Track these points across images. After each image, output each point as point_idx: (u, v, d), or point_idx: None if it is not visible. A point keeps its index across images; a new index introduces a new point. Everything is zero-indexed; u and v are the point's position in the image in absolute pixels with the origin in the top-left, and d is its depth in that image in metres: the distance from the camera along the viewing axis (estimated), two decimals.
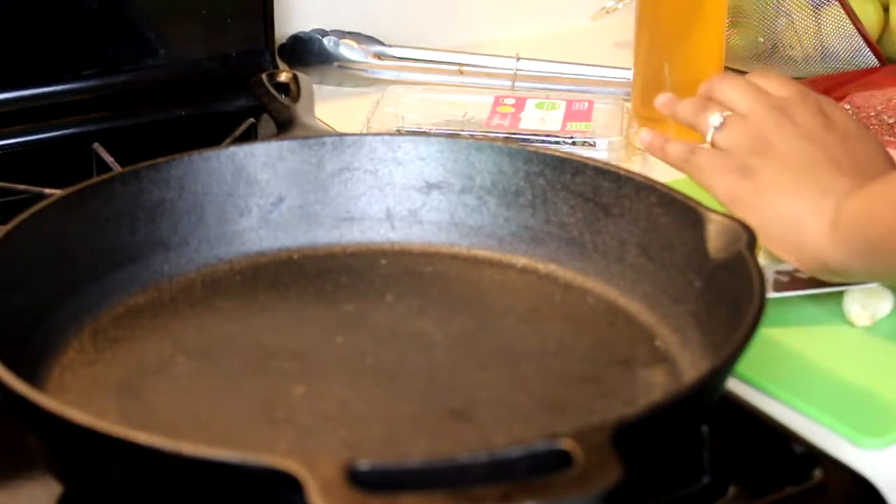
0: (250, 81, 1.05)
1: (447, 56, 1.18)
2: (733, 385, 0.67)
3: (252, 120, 1.02)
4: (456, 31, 1.27)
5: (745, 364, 0.73)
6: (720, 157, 0.80)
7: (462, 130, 1.03)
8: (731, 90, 0.83)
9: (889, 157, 0.81)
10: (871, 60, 1.14)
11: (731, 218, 0.69)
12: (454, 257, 0.78)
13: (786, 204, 0.77)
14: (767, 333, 0.76)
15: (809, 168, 0.77)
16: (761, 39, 1.16)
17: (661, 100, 0.88)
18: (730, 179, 0.78)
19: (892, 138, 1.00)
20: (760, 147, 0.79)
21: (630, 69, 1.09)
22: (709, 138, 0.82)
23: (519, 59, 1.16)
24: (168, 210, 0.76)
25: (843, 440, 0.69)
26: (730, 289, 0.66)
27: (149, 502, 0.56)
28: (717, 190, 0.80)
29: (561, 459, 0.51)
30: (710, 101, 0.84)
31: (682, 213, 0.71)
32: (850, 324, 0.79)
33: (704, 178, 0.81)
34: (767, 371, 0.74)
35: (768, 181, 0.77)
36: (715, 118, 0.81)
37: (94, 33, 1.05)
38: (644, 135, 0.86)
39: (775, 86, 0.83)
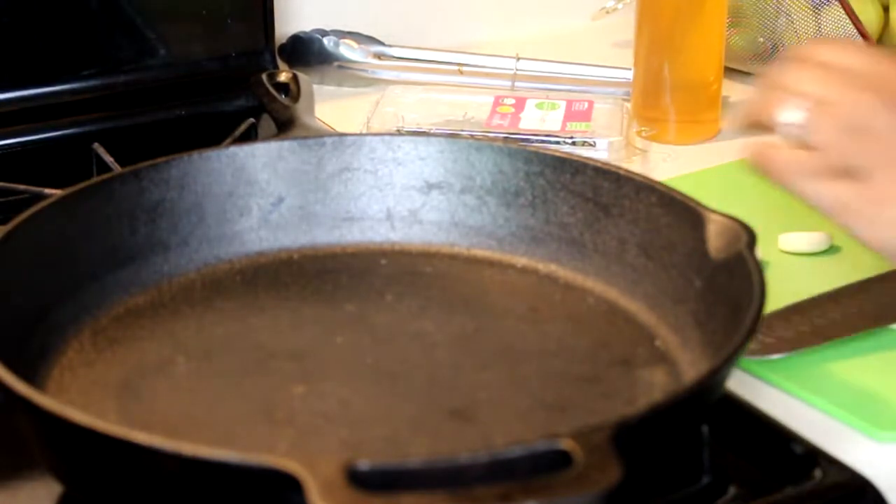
0: (250, 81, 1.05)
1: (447, 56, 1.18)
2: (733, 385, 0.67)
3: (252, 120, 1.02)
4: (456, 31, 1.27)
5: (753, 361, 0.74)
6: (815, 157, 0.67)
7: (462, 130, 1.03)
8: (805, 78, 0.68)
9: None
10: None
11: (731, 218, 0.69)
12: (454, 257, 0.78)
13: None
14: None
15: None
16: (761, 39, 1.16)
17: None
18: (834, 185, 0.65)
19: None
20: (864, 142, 0.66)
21: (630, 69, 1.09)
22: (787, 124, 0.68)
23: (519, 59, 1.16)
24: (168, 210, 0.76)
25: (849, 437, 0.69)
26: (730, 289, 0.66)
27: (149, 502, 0.56)
28: (821, 198, 0.67)
29: (561, 459, 0.51)
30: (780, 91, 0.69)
31: (682, 213, 0.71)
32: None
33: (796, 183, 0.68)
34: (776, 367, 0.74)
35: (888, 187, 0.66)
36: (791, 114, 0.67)
37: (94, 33, 1.05)
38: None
39: (851, 57, 0.69)
